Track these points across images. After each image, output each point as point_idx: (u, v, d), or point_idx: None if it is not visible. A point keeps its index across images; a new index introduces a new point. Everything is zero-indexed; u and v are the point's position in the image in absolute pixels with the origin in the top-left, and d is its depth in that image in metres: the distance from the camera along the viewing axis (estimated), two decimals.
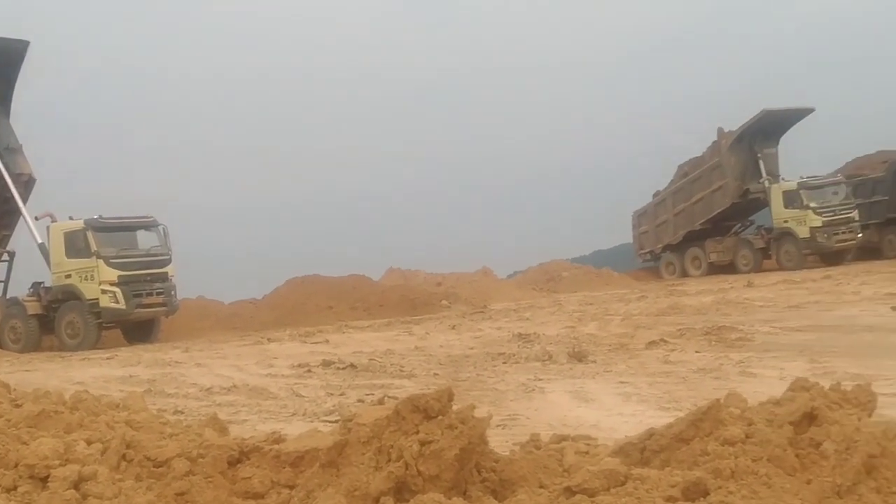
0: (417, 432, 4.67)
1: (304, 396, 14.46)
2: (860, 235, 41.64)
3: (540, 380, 14.45)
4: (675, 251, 46.98)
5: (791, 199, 41.95)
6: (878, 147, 48.86)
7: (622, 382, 13.63)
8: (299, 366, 18.18)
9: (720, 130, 45.43)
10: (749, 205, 45.41)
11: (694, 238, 46.10)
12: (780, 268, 41.68)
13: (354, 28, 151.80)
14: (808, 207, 41.23)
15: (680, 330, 19.43)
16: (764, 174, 43.65)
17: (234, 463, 5.25)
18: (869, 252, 42.04)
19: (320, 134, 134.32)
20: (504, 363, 16.83)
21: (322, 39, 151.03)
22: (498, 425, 10.57)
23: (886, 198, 42.17)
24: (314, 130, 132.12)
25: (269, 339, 25.69)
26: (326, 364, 17.93)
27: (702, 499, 4.23)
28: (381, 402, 6.00)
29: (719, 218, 45.85)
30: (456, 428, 4.64)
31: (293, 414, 12.80)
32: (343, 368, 17.42)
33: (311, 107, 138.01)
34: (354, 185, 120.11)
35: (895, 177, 42.66)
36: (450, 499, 4.44)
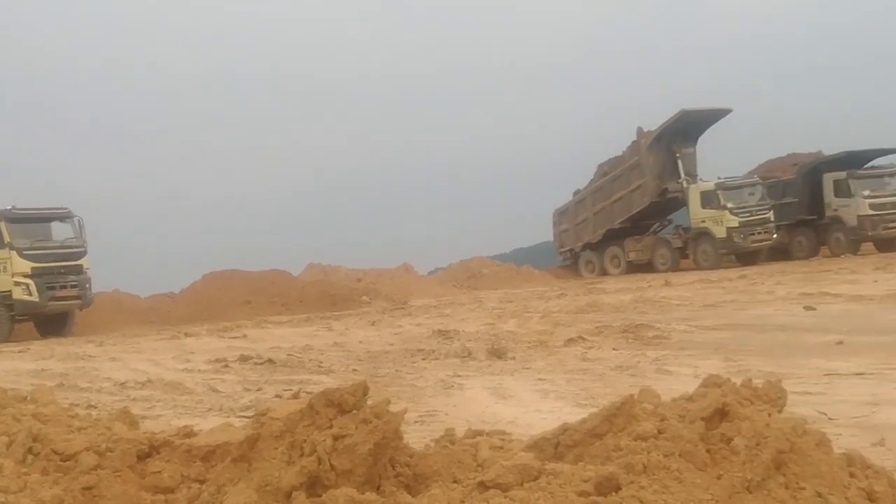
0: (331, 427, 4.62)
1: (220, 392, 14.33)
2: (776, 236, 42.39)
3: (459, 376, 14.47)
4: (595, 250, 47.39)
5: (708, 199, 42.55)
6: (789, 150, 50.11)
7: (540, 379, 13.68)
8: (216, 361, 18.02)
9: (639, 130, 45.93)
10: (667, 204, 45.99)
11: (613, 237, 46.55)
12: (698, 267, 42.31)
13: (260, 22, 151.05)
14: (725, 208, 41.87)
15: (598, 328, 19.58)
16: (682, 174, 44.21)
17: (143, 457, 5.16)
18: (779, 253, 42.89)
19: (242, 130, 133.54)
20: (423, 359, 16.83)
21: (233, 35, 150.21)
22: (416, 421, 10.57)
23: (796, 200, 43.02)
24: (235, 127, 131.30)
25: (185, 334, 25.43)
26: (244, 359, 17.79)
27: (614, 493, 4.24)
28: (295, 396, 5.97)
29: (638, 217, 46.38)
30: (370, 422, 4.61)
31: (209, 409, 12.68)
32: (261, 364, 17.29)
33: (234, 103, 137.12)
34: (276, 181, 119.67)
35: (804, 179, 43.70)
36: (363, 494, 4.39)
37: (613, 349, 16.45)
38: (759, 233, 41.86)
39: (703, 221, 42.69)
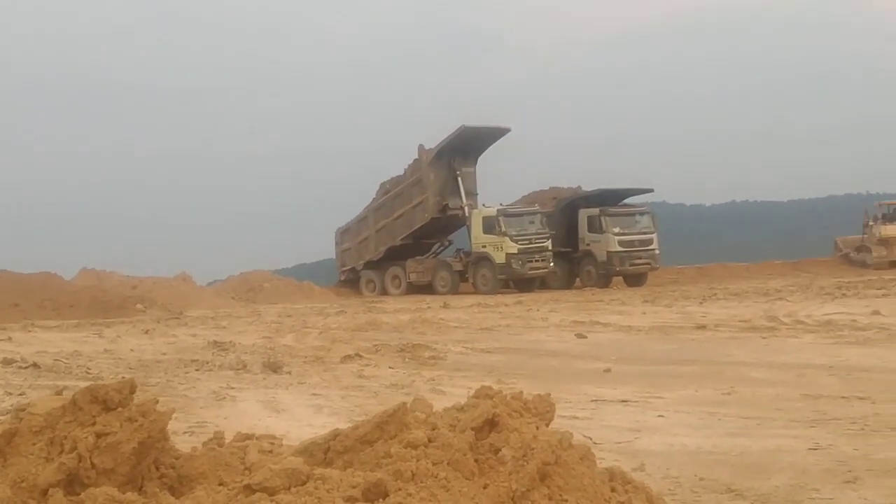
0: (94, 423, 4.48)
1: None
2: (552, 264, 43.63)
3: (232, 388, 14.26)
4: (376, 269, 47.51)
5: (490, 224, 43.36)
6: (551, 183, 52.14)
7: (315, 395, 13.63)
8: None
9: (420, 147, 46.43)
10: (448, 221, 46.56)
11: (395, 257, 46.81)
12: (476, 291, 43.04)
13: None
14: (505, 234, 42.74)
15: (376, 346, 19.64)
16: (462, 194, 44.97)
17: None
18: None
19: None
20: (196, 370, 16.52)
21: None
22: (185, 432, 10.38)
23: (554, 232, 44.47)
24: None
25: None
26: (7, 362, 17.05)
27: (381, 500, 4.25)
28: (59, 393, 5.75)
29: (420, 233, 46.85)
30: (136, 421, 4.48)
31: None
32: (25, 368, 16.62)
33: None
34: (47, 181, 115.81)
35: (562, 213, 45.98)
36: (124, 493, 4.27)
37: (390, 367, 16.53)
38: (537, 260, 43.01)
39: (484, 246, 43.48)
